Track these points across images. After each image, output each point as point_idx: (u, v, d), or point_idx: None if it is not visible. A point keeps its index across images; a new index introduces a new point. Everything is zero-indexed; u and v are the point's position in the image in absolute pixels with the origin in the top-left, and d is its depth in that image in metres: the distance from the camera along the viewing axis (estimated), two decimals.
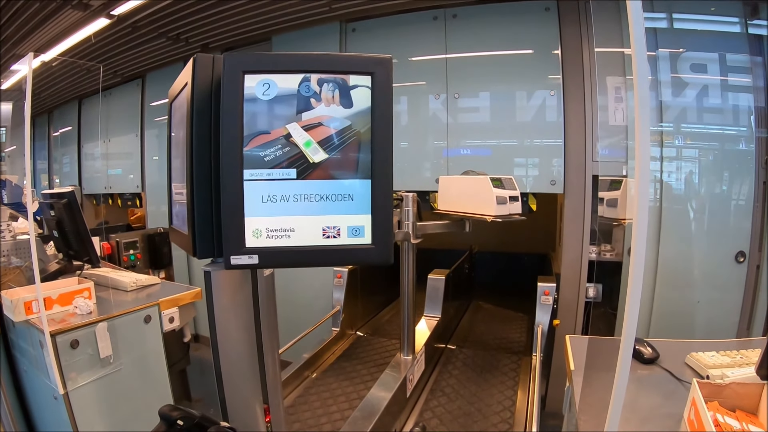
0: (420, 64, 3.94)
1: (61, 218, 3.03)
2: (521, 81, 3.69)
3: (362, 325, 4.09)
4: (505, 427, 2.61)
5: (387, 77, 1.09)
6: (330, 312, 3.68)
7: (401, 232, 2.60)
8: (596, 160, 3.47)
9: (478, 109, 3.83)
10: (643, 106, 0.79)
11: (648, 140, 0.87)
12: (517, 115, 3.71)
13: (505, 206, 2.49)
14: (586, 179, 3.49)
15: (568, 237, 3.58)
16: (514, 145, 3.74)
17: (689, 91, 3.24)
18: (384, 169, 1.08)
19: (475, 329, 4.29)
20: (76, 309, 2.48)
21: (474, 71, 3.79)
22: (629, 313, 0.87)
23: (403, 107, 4.05)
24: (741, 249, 3.21)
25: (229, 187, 1.05)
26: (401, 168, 3.96)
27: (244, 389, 1.30)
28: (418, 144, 4.01)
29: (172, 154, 1.38)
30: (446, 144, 3.89)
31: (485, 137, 3.82)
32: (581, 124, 3.50)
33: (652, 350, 1.89)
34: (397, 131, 3.95)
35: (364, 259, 1.11)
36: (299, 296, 4.33)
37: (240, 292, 1.22)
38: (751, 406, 1.37)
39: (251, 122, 1.06)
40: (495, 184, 2.51)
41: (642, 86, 0.80)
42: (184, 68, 1.18)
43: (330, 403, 2.78)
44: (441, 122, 3.90)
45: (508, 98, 3.73)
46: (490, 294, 5.29)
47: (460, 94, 3.82)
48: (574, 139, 3.53)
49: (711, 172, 3.29)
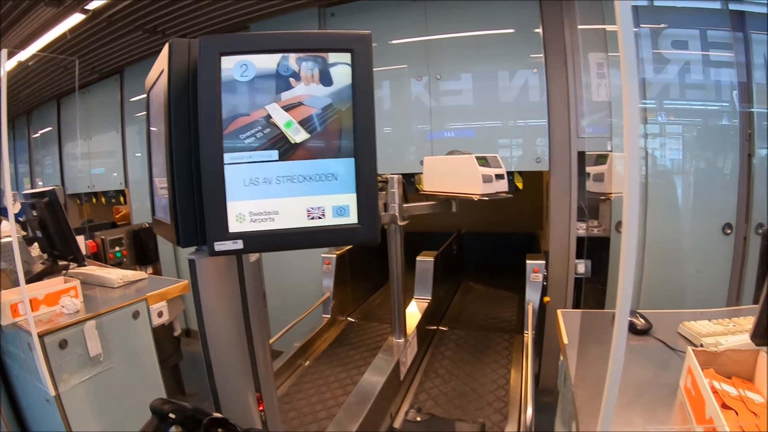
0: (401, 48, 3.90)
1: (44, 218, 2.98)
2: (503, 61, 3.67)
3: (353, 311, 4.09)
4: (500, 406, 2.62)
5: (367, 54, 1.08)
6: (320, 299, 3.67)
7: (387, 214, 2.59)
8: (581, 137, 3.46)
9: (461, 91, 3.81)
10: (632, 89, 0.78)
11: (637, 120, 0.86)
12: (501, 95, 3.69)
13: (491, 184, 2.48)
14: (572, 156, 3.49)
15: (556, 214, 3.59)
16: (498, 126, 3.73)
17: (671, 67, 3.25)
18: (367, 147, 1.06)
19: (467, 310, 4.31)
20: (63, 308, 2.44)
21: (455, 52, 3.76)
22: (624, 284, 0.86)
23: (386, 92, 4.01)
24: (728, 221, 3.24)
25: (210, 171, 1.02)
26: (386, 153, 3.94)
27: (235, 379, 1.28)
28: (401, 128, 3.98)
29: (152, 147, 1.36)
30: (430, 127, 3.86)
31: (469, 119, 3.81)
32: (564, 101, 3.50)
33: (645, 321, 1.89)
34: (381, 116, 3.92)
35: (350, 238, 1.10)
36: (289, 285, 4.31)
37: (226, 280, 1.20)
38: (747, 373, 1.37)
39: (230, 105, 1.03)
40: (480, 163, 2.49)
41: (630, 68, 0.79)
42: (160, 55, 1.15)
43: (324, 390, 2.77)
44: (424, 106, 3.87)
45: (491, 79, 3.71)
46: (480, 274, 5.31)
47: (442, 75, 3.79)
48: (558, 116, 3.52)
49: (695, 147, 3.31)
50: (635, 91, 0.79)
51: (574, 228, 3.52)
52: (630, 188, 0.86)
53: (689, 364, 1.36)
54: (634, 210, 0.88)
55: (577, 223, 3.51)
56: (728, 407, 1.21)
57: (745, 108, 3.17)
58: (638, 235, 3.28)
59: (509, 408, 2.60)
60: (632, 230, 0.87)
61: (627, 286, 0.86)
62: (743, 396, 1.26)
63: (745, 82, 3.17)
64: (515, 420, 2.48)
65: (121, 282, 2.86)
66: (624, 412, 1.33)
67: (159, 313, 2.70)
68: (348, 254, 3.98)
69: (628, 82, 0.77)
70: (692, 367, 1.32)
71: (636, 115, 0.82)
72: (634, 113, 0.80)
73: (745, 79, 3.17)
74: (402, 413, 2.55)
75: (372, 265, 4.58)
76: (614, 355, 0.90)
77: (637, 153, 0.83)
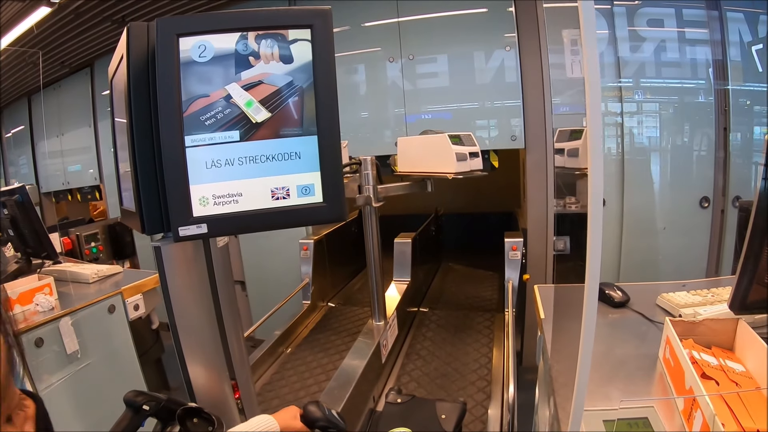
0: (373, 30, 3.86)
1: (15, 216, 2.93)
2: (477, 41, 3.65)
3: (333, 296, 4.07)
4: (483, 385, 2.64)
5: (327, 29, 1.05)
6: (299, 285, 3.65)
7: (362, 196, 2.57)
8: (556, 114, 3.47)
9: (436, 73, 3.79)
10: None
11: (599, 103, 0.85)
12: (476, 76, 3.69)
13: (465, 162, 2.47)
14: (547, 133, 3.50)
15: (533, 191, 3.60)
16: (474, 107, 3.72)
17: (647, 45, 3.26)
18: (330, 124, 1.04)
19: (447, 290, 4.32)
20: (38, 306, 2.39)
21: (429, 33, 3.73)
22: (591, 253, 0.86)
23: (361, 77, 3.98)
24: (705, 195, 3.28)
25: (171, 155, 1.00)
26: (362, 137, 3.93)
27: (208, 367, 1.26)
28: (377, 112, 3.97)
29: (117, 136, 1.33)
30: (405, 111, 3.85)
31: (445, 101, 3.80)
32: (539, 79, 3.50)
33: (622, 294, 1.90)
34: (357, 101, 3.91)
35: (316, 217, 1.08)
36: (268, 273, 4.31)
37: (194, 267, 1.18)
38: (727, 342, 1.37)
39: (189, 86, 1.01)
40: (454, 141, 2.48)
41: None
42: (120, 40, 1.12)
43: (307, 377, 2.76)
44: (399, 89, 3.85)
45: (466, 60, 3.70)
46: (459, 255, 5.31)
47: (415, 56, 3.76)
48: (533, 94, 3.53)
49: (672, 124, 3.34)
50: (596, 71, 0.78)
51: (551, 205, 3.54)
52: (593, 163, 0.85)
53: (667, 335, 1.36)
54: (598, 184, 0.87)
55: (555, 200, 3.53)
56: (708, 377, 1.21)
57: (720, 85, 3.20)
58: (614, 210, 3.32)
59: (492, 387, 2.62)
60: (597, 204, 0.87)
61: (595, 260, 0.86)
62: (724, 365, 1.26)
63: (720, 59, 3.19)
64: (498, 398, 2.50)
65: (96, 277, 2.81)
66: (603, 386, 1.34)
67: (135, 306, 2.67)
68: (326, 239, 3.96)
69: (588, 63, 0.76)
70: (670, 337, 1.33)
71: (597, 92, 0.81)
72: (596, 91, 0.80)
73: (721, 56, 3.19)
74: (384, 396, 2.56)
75: (350, 250, 4.57)
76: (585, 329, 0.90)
77: (600, 128, 0.82)
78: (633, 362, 1.47)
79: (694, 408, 1.08)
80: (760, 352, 1.22)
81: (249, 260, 4.42)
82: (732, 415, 1.06)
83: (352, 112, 3.96)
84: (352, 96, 3.96)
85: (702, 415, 1.03)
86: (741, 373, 1.24)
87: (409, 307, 3.51)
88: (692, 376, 1.14)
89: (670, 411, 1.19)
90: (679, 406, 1.17)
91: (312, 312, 3.64)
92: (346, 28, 3.89)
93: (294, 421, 1.24)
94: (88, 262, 3.81)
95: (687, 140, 3.34)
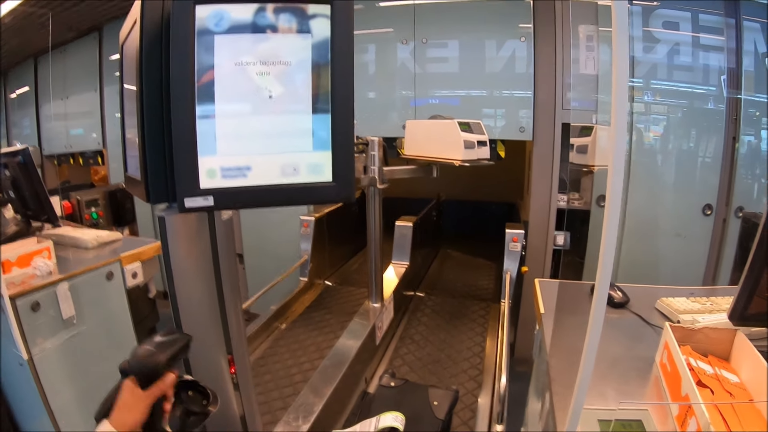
0: (388, 10, 3.83)
1: (17, 177, 2.90)
2: (491, 29, 3.62)
3: (331, 274, 4.08)
4: (475, 373, 2.65)
5: (347, 6, 1.03)
6: (297, 262, 3.65)
7: (367, 177, 2.56)
8: (566, 108, 3.45)
9: (447, 58, 3.76)
10: None
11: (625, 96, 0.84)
12: (487, 64, 3.66)
13: (473, 150, 2.46)
14: (556, 127, 3.48)
15: (537, 184, 3.59)
16: (483, 95, 3.71)
17: (661, 47, 3.24)
18: (344, 103, 1.02)
19: (444, 277, 4.33)
20: (36, 270, 2.38)
21: (443, 18, 3.70)
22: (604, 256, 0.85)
23: (371, 56, 3.95)
24: (708, 202, 3.27)
25: (181, 125, 0.98)
26: (368, 118, 3.91)
27: (206, 340, 1.26)
28: (385, 94, 3.94)
29: (125, 101, 1.31)
30: (414, 94, 3.82)
31: (454, 87, 3.77)
32: (552, 72, 3.47)
33: (623, 294, 1.91)
34: (365, 81, 3.87)
35: (324, 197, 1.07)
36: (267, 248, 4.30)
37: (197, 238, 1.17)
38: (723, 352, 1.38)
39: (203, 56, 0.98)
40: (463, 128, 2.47)
41: None
42: (133, 5, 1.10)
43: (300, 354, 2.78)
44: (409, 72, 3.82)
45: (478, 47, 3.67)
46: (459, 242, 5.34)
47: (428, 40, 3.73)
48: (544, 87, 3.50)
49: (680, 127, 3.33)
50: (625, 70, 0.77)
51: (554, 199, 3.53)
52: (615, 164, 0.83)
53: (666, 340, 1.37)
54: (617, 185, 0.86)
55: (558, 195, 3.52)
56: (704, 385, 1.22)
57: (732, 94, 3.18)
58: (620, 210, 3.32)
59: (483, 376, 2.64)
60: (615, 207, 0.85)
61: (608, 260, 0.85)
62: (719, 375, 1.27)
63: (734, 68, 3.17)
64: (489, 388, 2.52)
65: (95, 243, 2.80)
66: (597, 385, 1.34)
67: (133, 274, 2.67)
68: (326, 217, 3.96)
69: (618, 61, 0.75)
70: (669, 342, 1.33)
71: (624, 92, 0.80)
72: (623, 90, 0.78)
73: (735, 65, 3.17)
74: (377, 378, 2.57)
75: (350, 229, 4.57)
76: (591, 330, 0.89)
77: (624, 128, 0.81)
78: (628, 363, 1.48)
79: (689, 415, 1.09)
80: (756, 364, 1.22)
81: (248, 233, 4.42)
82: (725, 425, 1.07)
83: (360, 92, 3.90)
84: (360, 75, 3.89)
85: (697, 423, 1.04)
86: (735, 383, 1.25)
87: (406, 291, 3.52)
88: (689, 383, 1.14)
89: (664, 415, 1.19)
90: (673, 411, 1.18)
91: (308, 289, 3.65)
92: (360, 6, 3.85)
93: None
94: (87, 227, 3.80)
95: (693, 145, 3.33)
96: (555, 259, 3.58)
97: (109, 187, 4.94)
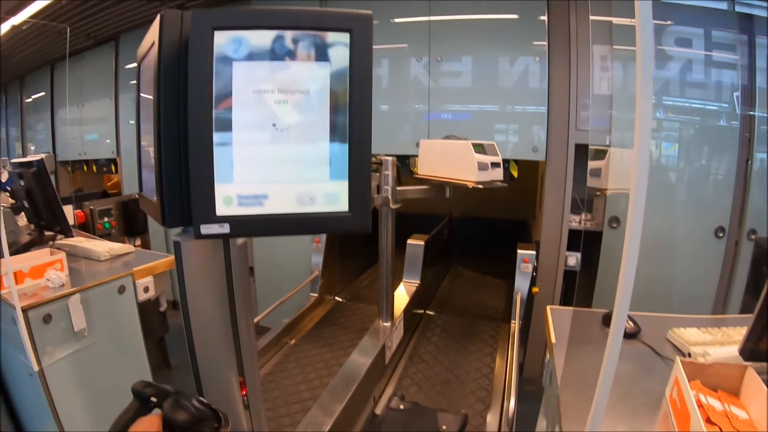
0: (402, 27, 3.84)
1: (31, 188, 2.93)
2: (505, 46, 3.62)
3: (341, 291, 4.08)
4: (483, 394, 2.63)
5: (367, 35, 1.03)
6: (308, 277, 3.65)
7: (380, 196, 2.56)
8: (580, 129, 3.44)
9: (460, 73, 3.77)
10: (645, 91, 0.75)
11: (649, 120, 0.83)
12: (500, 80, 3.66)
13: (486, 172, 2.45)
14: (569, 147, 3.47)
15: (549, 205, 3.58)
16: (495, 110, 3.70)
17: (673, 64, 3.22)
18: (362, 133, 1.02)
19: (454, 295, 4.31)
20: (48, 282, 2.39)
21: (458, 35, 3.71)
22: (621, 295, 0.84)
23: (384, 70, 3.96)
24: (721, 224, 3.24)
25: (199, 152, 0.98)
26: (381, 131, 3.89)
27: (218, 362, 1.26)
28: (398, 107, 3.95)
29: (141, 122, 1.31)
30: (427, 108, 3.82)
31: (467, 102, 3.77)
32: (565, 92, 3.46)
33: (634, 324, 1.89)
34: (378, 94, 3.88)
35: (340, 227, 1.07)
36: (278, 261, 4.30)
37: (212, 263, 1.17)
38: (733, 387, 1.36)
39: (221, 83, 0.99)
40: (477, 150, 2.47)
41: None
42: (152, 26, 1.11)
43: (309, 371, 2.77)
44: (423, 85, 3.83)
45: (492, 63, 3.67)
46: (470, 259, 5.31)
47: (442, 58, 3.74)
48: (558, 106, 3.49)
49: (692, 146, 3.30)
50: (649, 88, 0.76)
51: (567, 220, 3.51)
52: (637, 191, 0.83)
53: (677, 375, 1.35)
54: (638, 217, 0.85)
55: (570, 216, 3.50)
56: (712, 423, 1.21)
57: (746, 111, 3.16)
58: None
59: (492, 397, 2.61)
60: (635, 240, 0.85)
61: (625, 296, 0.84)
62: (728, 412, 1.26)
63: (747, 85, 3.16)
64: (497, 409, 2.49)
65: (108, 255, 2.82)
66: (607, 418, 1.33)
67: (145, 288, 2.67)
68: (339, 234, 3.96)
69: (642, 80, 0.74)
70: (679, 378, 1.32)
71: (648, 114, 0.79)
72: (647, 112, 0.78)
73: (747, 82, 3.15)
74: (385, 397, 2.56)
75: (362, 245, 4.57)
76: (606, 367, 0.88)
77: (647, 151, 0.81)
78: (639, 396, 1.47)
79: None
80: (764, 401, 1.22)
81: (260, 246, 4.43)
82: None
83: (374, 104, 3.87)
84: (374, 88, 3.88)
85: None
86: (744, 420, 1.24)
87: (416, 309, 3.51)
88: (698, 422, 1.14)
89: None
90: None
91: (319, 305, 3.65)
92: (375, 22, 3.87)
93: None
94: (100, 237, 3.82)
95: (707, 164, 3.30)
96: (566, 280, 3.56)
97: (123, 197, 4.97)
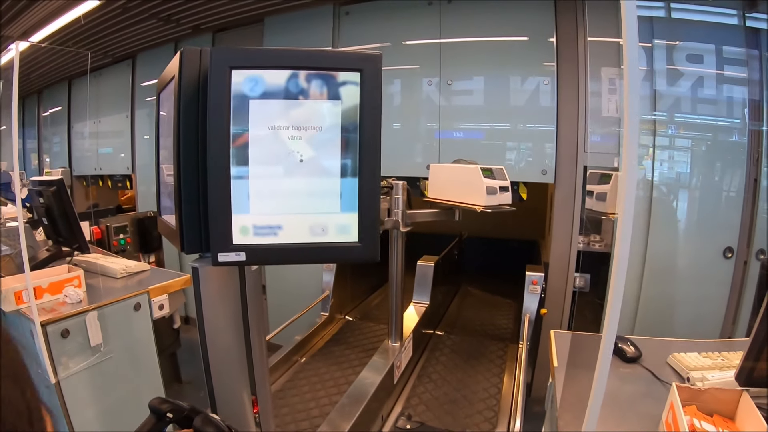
0: (414, 48, 3.90)
1: (50, 206, 3.01)
2: (515, 67, 3.65)
3: (351, 310, 4.11)
4: (490, 415, 2.65)
5: (376, 73, 1.09)
6: (319, 296, 3.70)
7: (390, 220, 2.60)
8: (587, 151, 3.46)
9: (471, 92, 3.80)
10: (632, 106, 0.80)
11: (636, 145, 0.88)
12: (511, 100, 3.69)
13: (495, 196, 2.49)
14: (577, 170, 3.49)
15: (558, 227, 3.60)
16: (506, 129, 3.72)
17: (684, 81, 3.23)
18: (371, 168, 1.08)
19: (463, 315, 4.33)
20: (66, 298, 2.47)
21: (468, 57, 3.76)
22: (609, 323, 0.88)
23: (396, 89, 4.01)
24: (729, 245, 3.23)
25: (217, 185, 1.04)
26: (393, 150, 3.93)
27: (232, 381, 1.31)
28: (410, 126, 3.99)
29: (160, 144, 1.38)
30: (438, 126, 3.86)
31: (478, 120, 3.80)
32: (574, 114, 3.49)
33: (635, 349, 1.92)
34: (390, 112, 3.93)
35: (351, 256, 1.12)
36: (289, 280, 4.35)
37: (228, 287, 1.23)
38: (729, 411, 1.39)
39: (239, 120, 1.05)
40: (485, 174, 2.51)
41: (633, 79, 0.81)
42: (171, 60, 1.17)
43: (318, 388, 2.81)
44: (434, 104, 3.87)
45: (502, 84, 3.71)
46: (479, 280, 5.32)
47: (453, 81, 3.80)
48: (566, 129, 3.52)
49: (703, 162, 3.29)
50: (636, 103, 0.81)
51: (575, 241, 3.52)
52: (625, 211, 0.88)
53: (672, 400, 1.38)
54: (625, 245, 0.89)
55: (579, 237, 3.52)
56: None
57: (755, 126, 3.16)
58: (638, 253, 3.27)
59: (499, 417, 2.63)
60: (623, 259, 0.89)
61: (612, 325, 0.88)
62: None
63: (757, 99, 3.16)
64: (504, 429, 2.51)
65: (124, 273, 2.89)
66: None
67: (160, 306, 2.74)
68: None
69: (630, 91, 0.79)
70: (674, 403, 1.35)
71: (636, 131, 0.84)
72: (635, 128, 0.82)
73: (758, 96, 3.16)
74: (393, 416, 2.58)
75: (372, 265, 4.57)
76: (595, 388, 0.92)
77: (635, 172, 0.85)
78: (636, 419, 1.51)
79: None
80: (758, 426, 1.25)
81: (270, 266, 4.47)
82: None
83: (385, 123, 3.92)
84: (385, 107, 3.95)
85: None
86: None
87: (425, 329, 3.53)
88: None
89: None
90: None
91: (329, 323, 3.69)
92: (387, 44, 3.95)
93: None
94: (115, 253, 3.90)
95: (717, 180, 3.29)
96: (574, 301, 3.56)
97: (138, 214, 5.06)
